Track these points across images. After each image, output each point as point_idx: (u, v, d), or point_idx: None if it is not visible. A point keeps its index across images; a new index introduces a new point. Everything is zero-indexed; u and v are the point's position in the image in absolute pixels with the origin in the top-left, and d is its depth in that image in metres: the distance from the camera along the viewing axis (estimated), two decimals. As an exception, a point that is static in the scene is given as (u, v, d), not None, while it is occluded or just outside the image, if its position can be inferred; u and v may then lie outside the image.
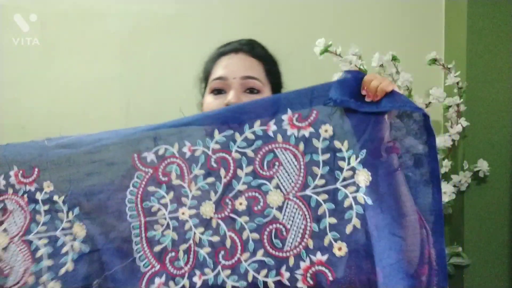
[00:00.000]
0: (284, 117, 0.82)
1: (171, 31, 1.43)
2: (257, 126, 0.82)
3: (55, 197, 0.84)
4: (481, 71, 1.32)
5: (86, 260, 0.82)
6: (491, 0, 1.31)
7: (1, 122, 1.41)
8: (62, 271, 0.82)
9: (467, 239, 1.33)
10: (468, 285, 1.33)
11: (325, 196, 0.78)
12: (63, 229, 0.83)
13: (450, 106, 1.29)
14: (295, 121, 0.81)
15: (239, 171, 0.81)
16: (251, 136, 0.81)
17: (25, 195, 0.86)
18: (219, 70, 0.97)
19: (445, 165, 1.29)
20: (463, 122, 1.27)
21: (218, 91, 0.96)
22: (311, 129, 0.80)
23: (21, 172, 0.87)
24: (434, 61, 1.28)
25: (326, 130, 0.80)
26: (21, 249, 0.83)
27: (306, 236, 0.77)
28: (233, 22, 1.40)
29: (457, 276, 1.32)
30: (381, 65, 1.30)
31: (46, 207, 0.85)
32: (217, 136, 0.82)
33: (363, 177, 0.78)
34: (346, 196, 0.77)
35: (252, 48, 1.00)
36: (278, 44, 1.40)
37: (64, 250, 0.83)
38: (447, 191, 1.24)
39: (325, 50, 1.24)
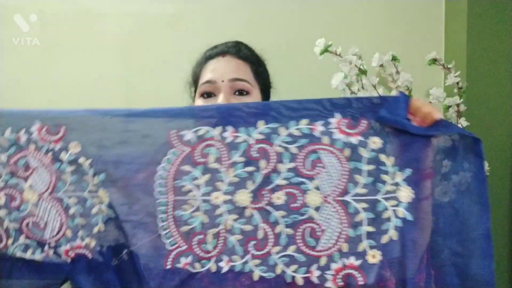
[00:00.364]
0: (332, 120, 0.81)
1: (171, 31, 1.43)
2: (303, 125, 0.81)
3: (81, 160, 0.83)
4: (481, 71, 1.32)
5: (114, 225, 0.82)
6: (491, 0, 1.31)
7: (1, 122, 1.41)
8: (95, 230, 0.82)
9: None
10: (468, 285, 1.33)
11: (365, 205, 0.79)
12: (90, 191, 0.83)
13: (450, 106, 1.29)
14: (344, 127, 0.81)
15: (280, 166, 0.80)
16: (297, 133, 0.81)
17: (49, 153, 0.84)
18: (207, 74, 0.97)
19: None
20: (463, 122, 1.27)
21: (207, 95, 0.97)
22: (360, 138, 0.80)
23: (45, 128, 0.85)
24: (434, 61, 1.28)
25: (375, 142, 0.80)
26: (53, 205, 0.84)
27: (341, 239, 0.78)
28: (233, 22, 1.40)
29: (457, 276, 1.32)
30: (381, 65, 1.30)
31: (72, 167, 0.83)
32: (261, 126, 0.81)
33: (406, 194, 0.79)
34: (386, 209, 0.78)
35: (238, 50, 1.00)
36: (278, 44, 1.41)
37: (94, 211, 0.83)
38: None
39: (325, 50, 1.24)
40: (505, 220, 1.33)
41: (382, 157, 0.80)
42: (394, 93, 1.27)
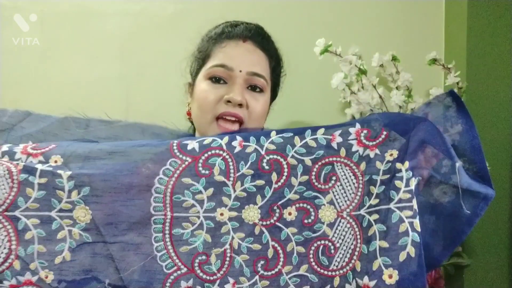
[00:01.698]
0: (352, 130, 0.76)
1: (171, 31, 1.43)
2: (320, 134, 0.75)
3: (60, 171, 0.70)
4: (481, 71, 1.32)
5: (88, 251, 0.70)
6: (491, 0, 1.31)
7: (1, 122, 1.41)
8: (58, 260, 0.69)
9: (467, 239, 1.33)
10: (468, 285, 1.33)
11: (376, 216, 0.72)
12: (60, 210, 0.70)
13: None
14: (363, 138, 0.76)
15: (293, 179, 0.74)
16: (312, 144, 0.75)
17: (21, 163, 0.71)
18: (223, 57, 0.86)
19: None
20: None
21: (217, 79, 0.86)
22: (377, 151, 0.74)
23: (33, 145, 0.76)
24: (434, 61, 1.28)
25: (392, 154, 0.75)
26: (5, 226, 0.69)
27: (355, 257, 0.72)
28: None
29: (457, 276, 1.32)
30: (381, 65, 1.30)
31: (43, 180, 0.70)
32: (274, 136, 0.75)
33: None
34: (401, 220, 0.70)
35: (262, 39, 0.91)
36: (278, 44, 1.41)
37: (60, 235, 0.69)
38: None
39: (325, 50, 1.24)
40: (505, 220, 1.33)
41: (398, 165, 0.74)
42: (394, 93, 1.27)
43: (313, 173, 0.75)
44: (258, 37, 0.90)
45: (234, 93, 0.84)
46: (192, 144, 0.75)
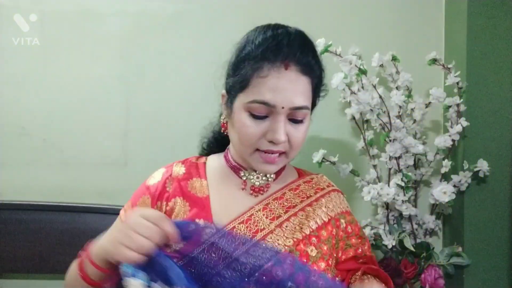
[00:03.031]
0: None
1: (171, 31, 1.43)
2: None
3: None
4: (481, 71, 1.32)
5: None
6: (491, 0, 1.31)
7: (1, 122, 1.41)
8: None
9: (467, 239, 1.33)
10: (468, 285, 1.33)
11: None
12: None
13: (450, 106, 1.29)
14: None
15: None
16: None
17: None
18: (265, 93, 0.80)
19: (445, 165, 1.29)
20: (463, 122, 1.27)
21: (258, 116, 0.82)
22: None
23: None
24: (434, 61, 1.28)
25: None
26: None
27: None
28: (233, 21, 1.40)
29: (457, 276, 1.32)
30: (381, 65, 1.30)
31: None
32: None
33: None
34: None
35: (304, 58, 0.82)
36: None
37: None
38: (447, 191, 1.24)
39: (325, 50, 1.24)
40: (505, 220, 1.33)
41: None
42: (394, 93, 1.27)
43: None
44: (303, 57, 0.81)
45: (277, 133, 0.81)
46: None
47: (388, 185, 1.27)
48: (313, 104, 0.90)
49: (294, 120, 0.83)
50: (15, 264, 1.35)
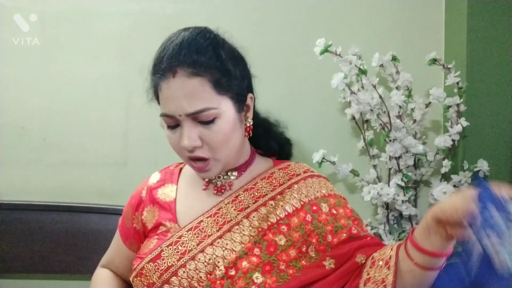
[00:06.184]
0: None
1: (171, 31, 1.42)
2: None
3: None
4: (481, 71, 1.32)
5: None
6: (491, 0, 1.31)
7: (1, 122, 1.42)
8: None
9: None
10: (468, 285, 1.33)
11: None
12: None
13: (450, 106, 1.29)
14: None
15: None
16: None
17: None
18: (164, 106, 0.84)
19: (445, 165, 1.29)
20: (463, 122, 1.27)
21: (171, 127, 0.85)
22: None
23: None
24: (434, 61, 1.28)
25: None
26: None
27: None
28: (233, 21, 1.40)
29: (457, 276, 1.32)
30: (381, 65, 1.30)
31: None
32: None
33: None
34: None
35: (189, 59, 0.81)
36: (278, 44, 1.41)
37: None
38: (447, 191, 1.24)
39: (325, 50, 1.24)
40: (505, 220, 1.33)
41: None
42: (394, 93, 1.27)
43: None
44: (188, 58, 0.81)
45: (182, 139, 0.83)
46: None
47: (388, 185, 1.27)
48: (240, 87, 0.86)
49: (203, 122, 0.82)
50: (15, 264, 1.36)
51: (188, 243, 0.85)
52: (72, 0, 1.41)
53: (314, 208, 0.90)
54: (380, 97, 1.26)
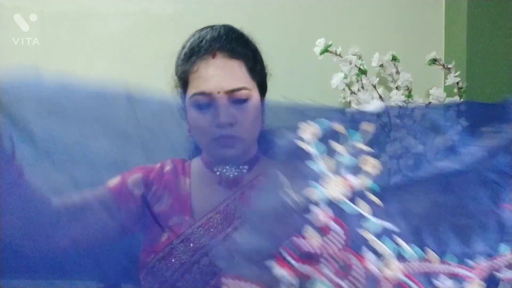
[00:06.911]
0: None
1: (171, 31, 1.43)
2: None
3: None
4: (481, 71, 1.32)
5: None
6: (491, 0, 1.31)
7: (1, 122, 1.41)
8: None
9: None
10: (468, 285, 1.33)
11: None
12: None
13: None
14: None
15: None
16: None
17: None
18: (199, 84, 0.88)
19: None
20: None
21: (201, 106, 0.88)
22: None
23: None
24: (434, 61, 1.28)
25: None
26: None
27: None
28: (233, 21, 1.39)
29: (457, 276, 1.32)
30: (381, 65, 1.30)
31: None
32: None
33: None
34: None
35: (230, 45, 0.89)
36: (278, 44, 1.41)
37: None
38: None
39: (325, 50, 1.24)
40: (505, 220, 1.33)
41: None
42: (394, 93, 1.27)
43: None
44: (227, 44, 0.89)
45: (219, 116, 0.86)
46: None
47: (388, 185, 1.27)
48: (261, 80, 0.94)
49: (237, 100, 0.87)
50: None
51: (200, 239, 0.86)
52: (72, 0, 1.41)
53: None
54: (380, 97, 1.26)
